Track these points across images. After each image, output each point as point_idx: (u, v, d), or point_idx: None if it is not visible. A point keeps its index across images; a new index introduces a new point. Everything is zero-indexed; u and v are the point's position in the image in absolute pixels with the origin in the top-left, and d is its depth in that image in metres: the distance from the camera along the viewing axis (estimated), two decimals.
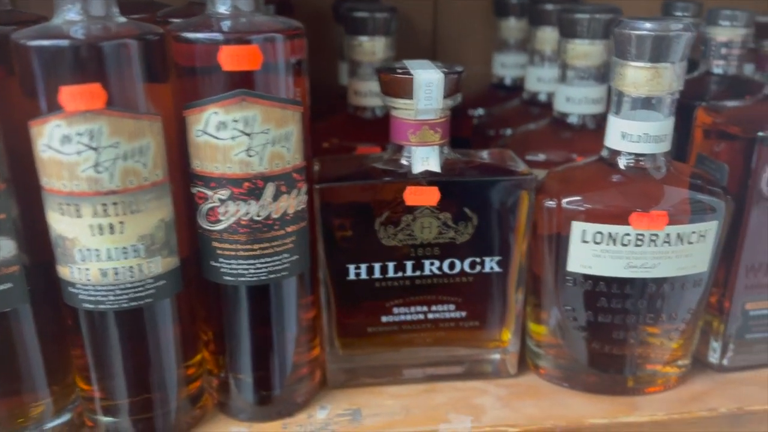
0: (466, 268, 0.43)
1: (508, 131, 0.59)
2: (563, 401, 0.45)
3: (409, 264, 0.43)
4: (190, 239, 0.39)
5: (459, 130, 0.53)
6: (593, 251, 0.41)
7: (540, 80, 0.59)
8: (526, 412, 0.44)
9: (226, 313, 0.40)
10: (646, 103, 0.40)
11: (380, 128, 0.46)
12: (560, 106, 0.52)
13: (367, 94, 0.55)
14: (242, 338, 0.41)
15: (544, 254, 0.43)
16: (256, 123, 0.36)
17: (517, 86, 0.66)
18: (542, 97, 0.60)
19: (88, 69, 0.32)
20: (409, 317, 0.45)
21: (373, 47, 0.54)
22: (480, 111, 0.67)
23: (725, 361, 0.47)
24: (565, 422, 0.43)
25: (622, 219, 0.40)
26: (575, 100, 0.51)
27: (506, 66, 0.68)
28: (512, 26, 0.66)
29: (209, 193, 0.37)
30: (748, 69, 0.56)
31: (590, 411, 0.43)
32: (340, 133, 0.56)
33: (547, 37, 0.58)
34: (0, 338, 0.38)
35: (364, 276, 0.43)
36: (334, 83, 0.67)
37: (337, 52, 0.67)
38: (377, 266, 0.42)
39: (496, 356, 0.47)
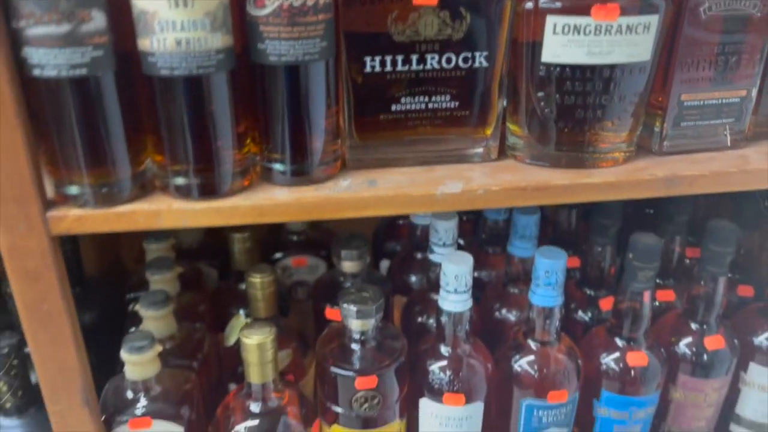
0: (460, 63, 0.54)
1: None
2: (535, 173, 0.56)
3: (414, 58, 0.53)
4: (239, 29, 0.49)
5: None
6: (561, 42, 0.52)
7: None
8: (505, 179, 0.55)
9: (270, 92, 0.50)
10: None
11: None
12: None
13: None
14: (282, 115, 0.51)
15: (522, 51, 0.54)
16: None
17: None
18: None
19: None
20: (413, 106, 0.55)
21: None
22: None
23: (664, 147, 0.59)
24: (535, 183, 0.54)
25: (585, 11, 0.50)
26: None
27: None
28: None
29: None
30: None
31: (556, 177, 0.55)
32: None
33: None
34: (88, 105, 0.47)
35: (378, 69, 0.53)
36: None
37: None
38: (389, 59, 0.53)
39: (480, 149, 0.58)
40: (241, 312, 0.76)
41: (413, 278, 0.81)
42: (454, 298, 0.62)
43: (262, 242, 0.86)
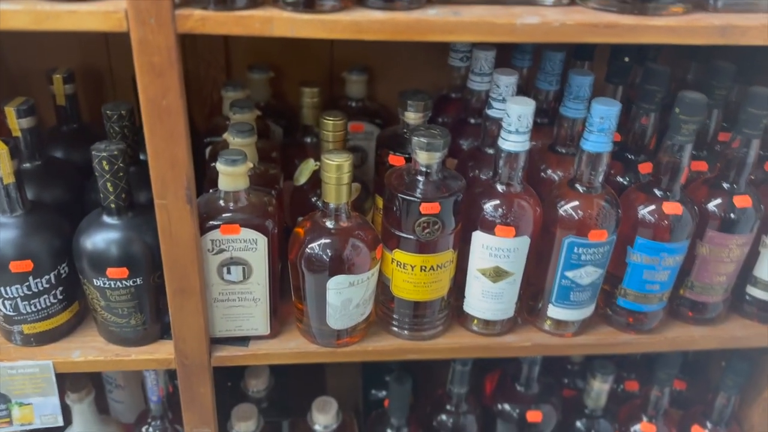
0: None
1: None
2: (604, 15, 0.62)
3: None
4: None
5: None
6: None
7: None
8: (577, 17, 0.61)
9: None
10: None
11: None
12: None
13: None
14: None
15: None
16: None
17: None
18: None
19: None
20: None
21: None
22: None
23: (719, 5, 0.64)
24: (606, 21, 0.60)
25: None
26: None
27: None
28: None
29: None
30: None
31: (623, 18, 0.61)
32: None
33: None
34: None
35: None
36: None
37: None
38: None
39: None
40: (311, 159, 0.83)
41: (466, 142, 0.87)
42: (514, 138, 0.69)
43: (326, 106, 0.93)
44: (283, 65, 0.98)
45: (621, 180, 0.83)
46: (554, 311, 0.79)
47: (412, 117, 0.79)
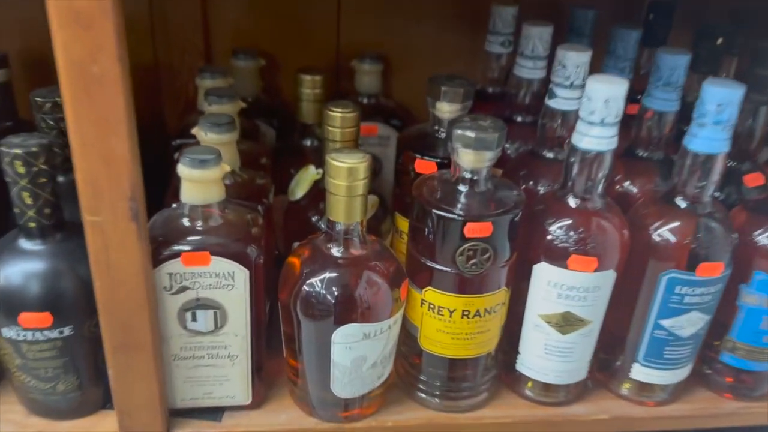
0: None
1: None
2: None
3: None
4: None
5: None
6: None
7: None
8: None
9: None
10: None
11: None
12: None
13: None
14: None
15: None
16: None
17: None
18: None
19: None
20: None
21: None
22: None
23: None
24: None
25: None
26: None
27: None
28: None
29: None
30: None
31: None
32: None
33: None
34: None
35: None
36: None
37: None
38: None
39: None
40: (311, 166, 0.64)
41: (512, 147, 0.68)
42: (598, 132, 0.50)
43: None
44: (278, 53, 0.78)
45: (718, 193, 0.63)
46: (640, 372, 0.58)
47: (446, 109, 0.59)
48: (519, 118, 0.68)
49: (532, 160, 0.61)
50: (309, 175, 0.62)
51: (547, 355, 0.56)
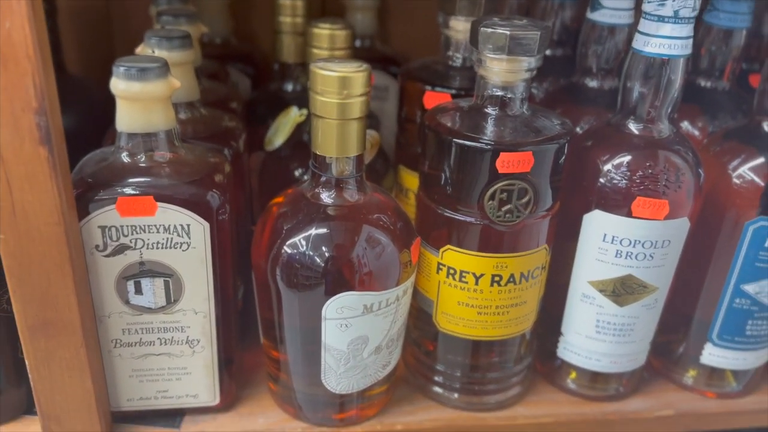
0: None
1: None
2: None
3: None
4: None
5: None
6: None
7: None
8: None
9: None
10: None
11: None
12: None
13: None
14: None
15: None
16: None
17: None
18: None
19: None
20: None
21: None
22: None
23: None
24: None
25: None
26: None
27: None
28: None
29: None
30: None
31: None
32: None
33: None
34: None
35: None
36: None
37: None
38: None
39: None
40: (293, 107, 0.51)
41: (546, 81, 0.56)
42: (669, 30, 0.38)
43: None
44: None
45: None
46: (713, 354, 0.46)
47: (462, 28, 0.48)
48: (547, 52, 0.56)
49: (569, 96, 0.50)
50: (290, 118, 0.50)
51: (598, 335, 0.44)
